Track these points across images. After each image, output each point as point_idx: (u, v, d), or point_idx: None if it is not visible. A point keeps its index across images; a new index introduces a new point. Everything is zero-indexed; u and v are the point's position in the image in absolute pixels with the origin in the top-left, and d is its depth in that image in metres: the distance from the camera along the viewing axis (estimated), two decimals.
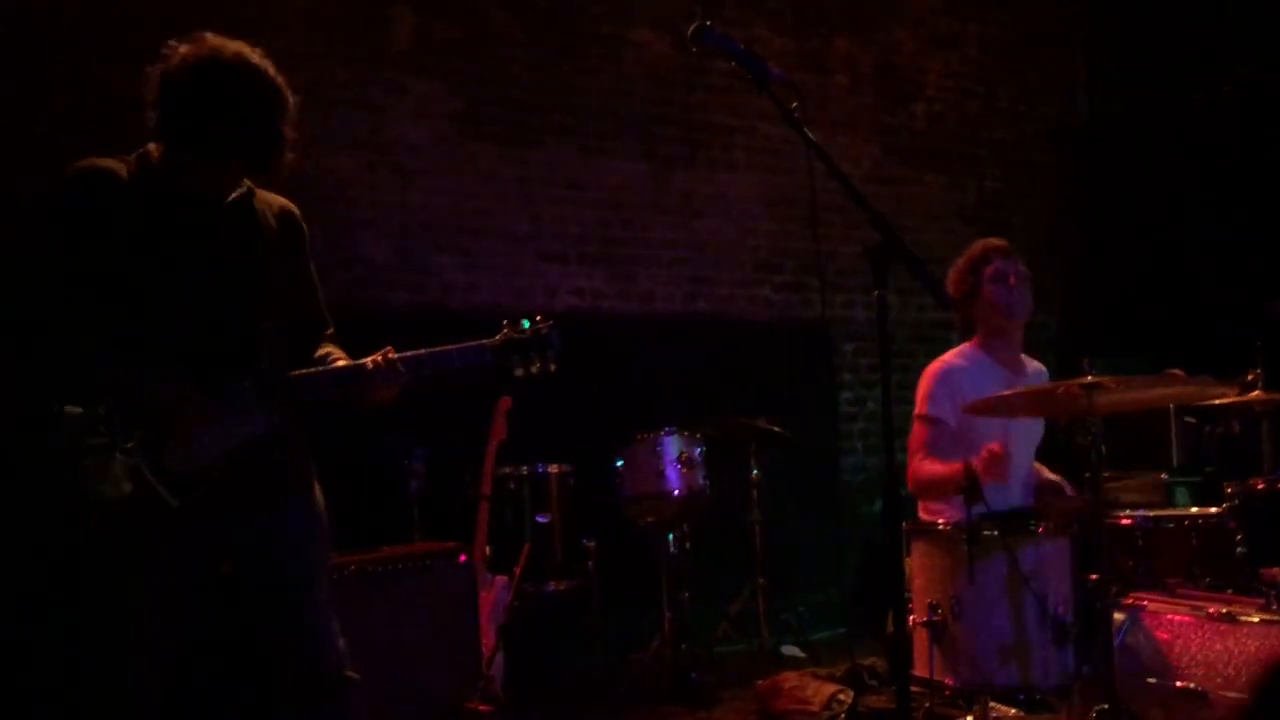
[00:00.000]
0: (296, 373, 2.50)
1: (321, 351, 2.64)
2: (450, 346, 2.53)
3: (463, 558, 3.95)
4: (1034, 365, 3.79)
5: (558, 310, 5.48)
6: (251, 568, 2.52)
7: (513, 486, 4.58)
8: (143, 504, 2.32)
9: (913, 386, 3.71)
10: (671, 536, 4.76)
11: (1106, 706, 2.74)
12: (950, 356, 3.67)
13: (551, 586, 4.57)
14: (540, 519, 4.55)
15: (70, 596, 2.45)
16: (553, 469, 4.65)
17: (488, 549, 4.20)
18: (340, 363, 2.57)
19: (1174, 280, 6.52)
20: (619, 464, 4.70)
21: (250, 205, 2.56)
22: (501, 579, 4.16)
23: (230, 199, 2.52)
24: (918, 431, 3.58)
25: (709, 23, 2.50)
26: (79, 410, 2.31)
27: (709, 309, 5.95)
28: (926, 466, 3.49)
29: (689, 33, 2.50)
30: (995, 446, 3.15)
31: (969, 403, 3.28)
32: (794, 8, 6.36)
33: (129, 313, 2.36)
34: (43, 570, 3.22)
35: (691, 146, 5.97)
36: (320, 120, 4.98)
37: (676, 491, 4.61)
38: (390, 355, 2.49)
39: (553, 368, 2.61)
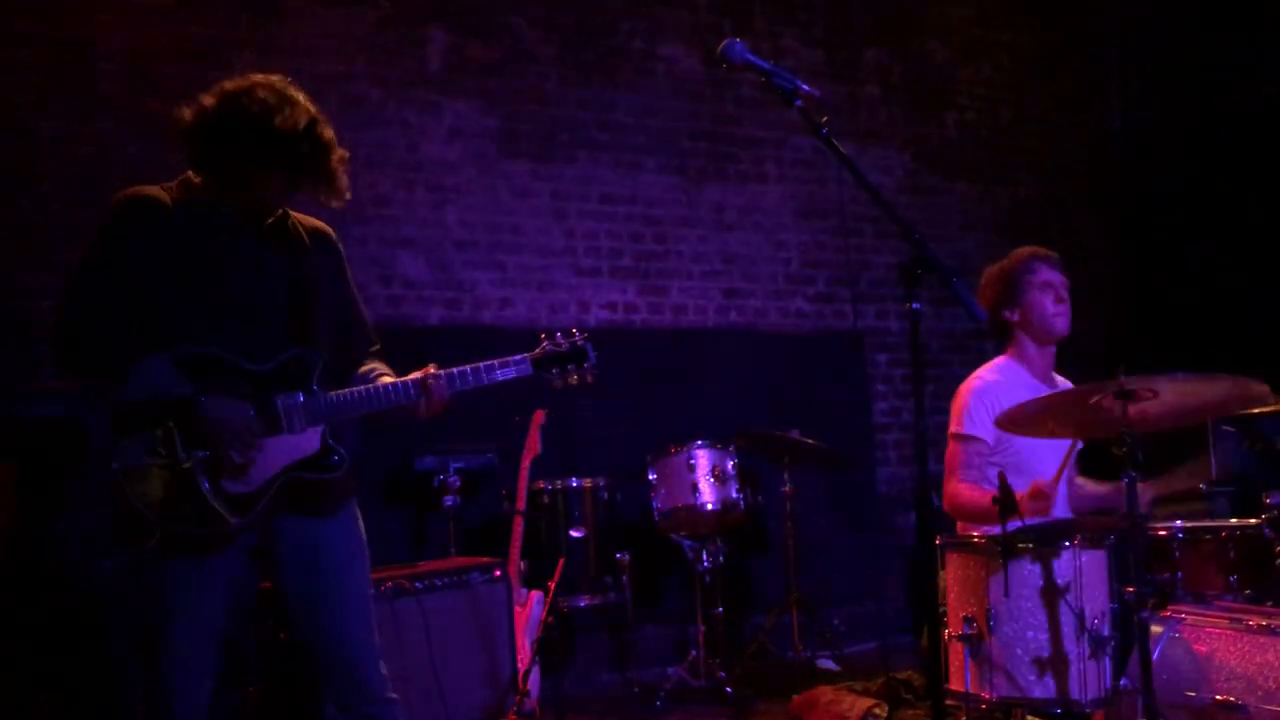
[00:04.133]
0: (345, 390, 2.57)
1: (366, 368, 2.71)
2: (492, 361, 2.60)
3: (498, 572, 3.99)
4: (1064, 382, 3.74)
5: (591, 324, 5.51)
6: (294, 581, 2.58)
7: (547, 501, 4.62)
8: (202, 523, 2.38)
9: (947, 397, 3.68)
10: (705, 550, 4.76)
11: None
12: (984, 373, 3.62)
13: (586, 600, 4.59)
14: (574, 533, 4.58)
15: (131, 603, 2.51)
16: (586, 483, 4.67)
17: (522, 563, 4.23)
18: (386, 379, 2.63)
19: (1214, 289, 6.45)
20: (652, 477, 4.71)
21: (285, 227, 2.62)
22: (536, 593, 4.19)
23: (267, 222, 2.58)
24: (953, 450, 3.53)
25: (737, 39, 2.51)
26: (136, 432, 2.38)
27: (741, 321, 5.97)
28: (964, 490, 3.44)
29: (719, 50, 2.51)
30: (1043, 486, 3.12)
31: (976, 435, 3.28)
32: (824, 19, 6.37)
33: (179, 335, 2.43)
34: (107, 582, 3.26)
35: (722, 160, 5.99)
36: (356, 141, 5.05)
37: (709, 505, 4.61)
38: (433, 372, 2.55)
39: (590, 379, 2.68)
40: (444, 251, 5.28)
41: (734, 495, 4.66)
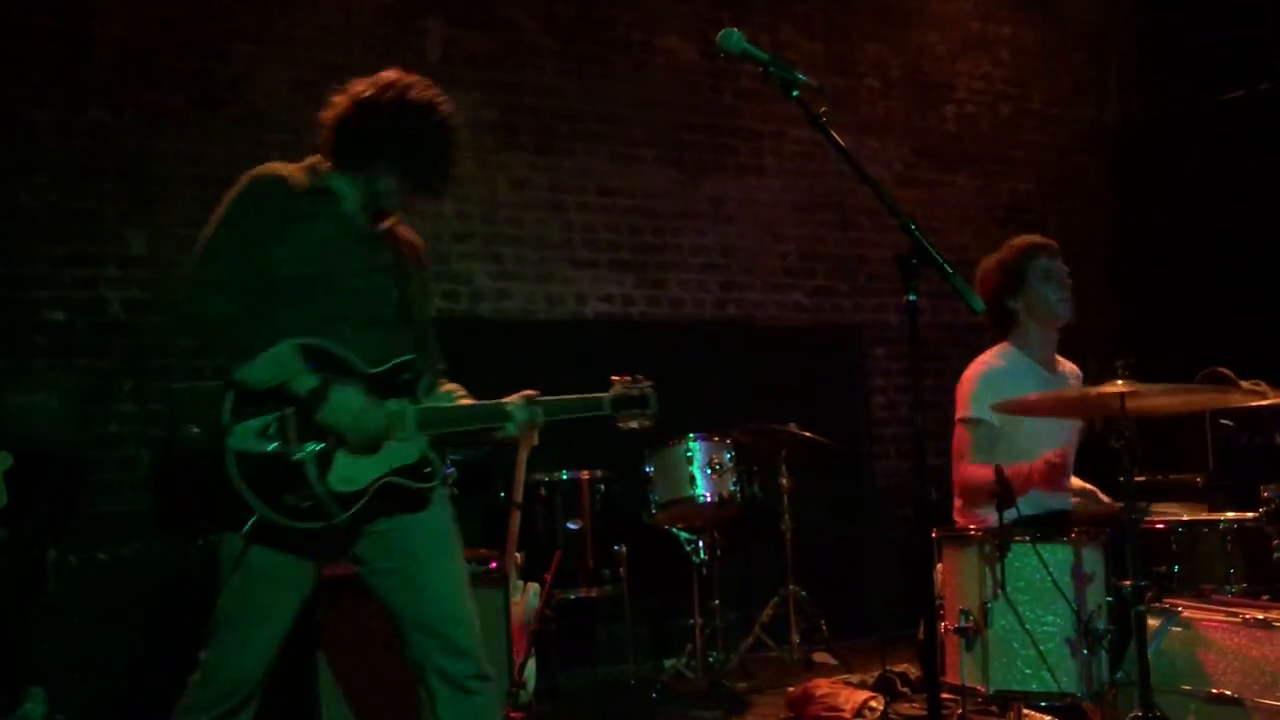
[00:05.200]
0: (450, 405, 2.60)
1: (447, 388, 2.72)
2: (572, 396, 2.69)
3: (494, 565, 3.98)
4: (1068, 366, 3.74)
5: (588, 317, 5.51)
6: (390, 569, 2.54)
7: (544, 493, 4.61)
8: (305, 515, 2.35)
9: (946, 390, 3.68)
10: (702, 543, 4.76)
11: (1141, 713, 2.71)
12: (989, 358, 3.62)
13: (583, 593, 4.58)
14: (571, 526, 4.57)
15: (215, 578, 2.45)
16: (584, 475, 4.66)
17: (519, 556, 4.21)
18: (467, 400, 2.66)
19: (1211, 281, 6.45)
20: (649, 470, 4.71)
21: (394, 234, 2.64)
22: (533, 586, 4.17)
23: (382, 226, 2.59)
24: (962, 435, 3.52)
25: (735, 30, 2.50)
26: (253, 413, 2.35)
27: (739, 314, 5.96)
28: (976, 471, 3.42)
29: (716, 39, 2.50)
30: (1054, 456, 3.12)
31: (983, 418, 3.28)
32: (823, 12, 6.35)
33: (300, 324, 2.40)
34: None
35: (721, 152, 5.98)
36: None
37: (707, 497, 4.61)
38: (533, 397, 2.59)
39: (649, 426, 2.77)
40: (441, 243, 5.26)
41: (731, 488, 4.65)
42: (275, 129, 4.79)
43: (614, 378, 2.75)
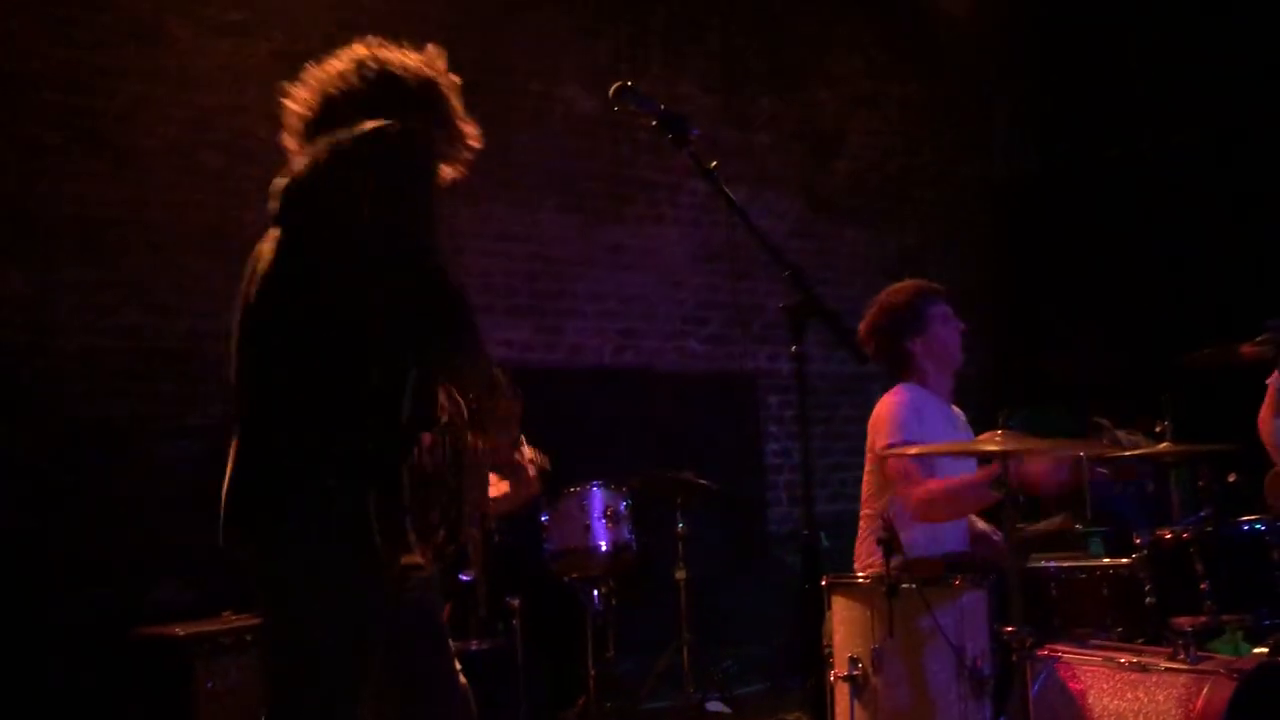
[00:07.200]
0: None
1: None
2: None
3: None
4: (957, 412, 3.82)
5: None
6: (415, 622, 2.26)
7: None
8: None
9: (835, 438, 3.73)
10: (597, 592, 4.72)
11: None
12: (903, 391, 3.59)
13: (475, 645, 4.49)
14: (463, 577, 4.49)
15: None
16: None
17: None
18: None
19: (1092, 332, 6.71)
20: (544, 519, 4.67)
21: None
22: None
23: None
24: (900, 459, 3.42)
25: (630, 83, 2.55)
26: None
27: (636, 361, 5.98)
28: (941, 484, 3.37)
29: (611, 92, 2.54)
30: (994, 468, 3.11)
31: (916, 441, 3.34)
32: (720, 67, 6.48)
33: None
34: None
35: (619, 201, 6.03)
36: (246, 175, 4.93)
37: (603, 546, 4.59)
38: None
39: None
40: None
41: (627, 536, 4.64)
42: (162, 169, 4.67)
43: None
